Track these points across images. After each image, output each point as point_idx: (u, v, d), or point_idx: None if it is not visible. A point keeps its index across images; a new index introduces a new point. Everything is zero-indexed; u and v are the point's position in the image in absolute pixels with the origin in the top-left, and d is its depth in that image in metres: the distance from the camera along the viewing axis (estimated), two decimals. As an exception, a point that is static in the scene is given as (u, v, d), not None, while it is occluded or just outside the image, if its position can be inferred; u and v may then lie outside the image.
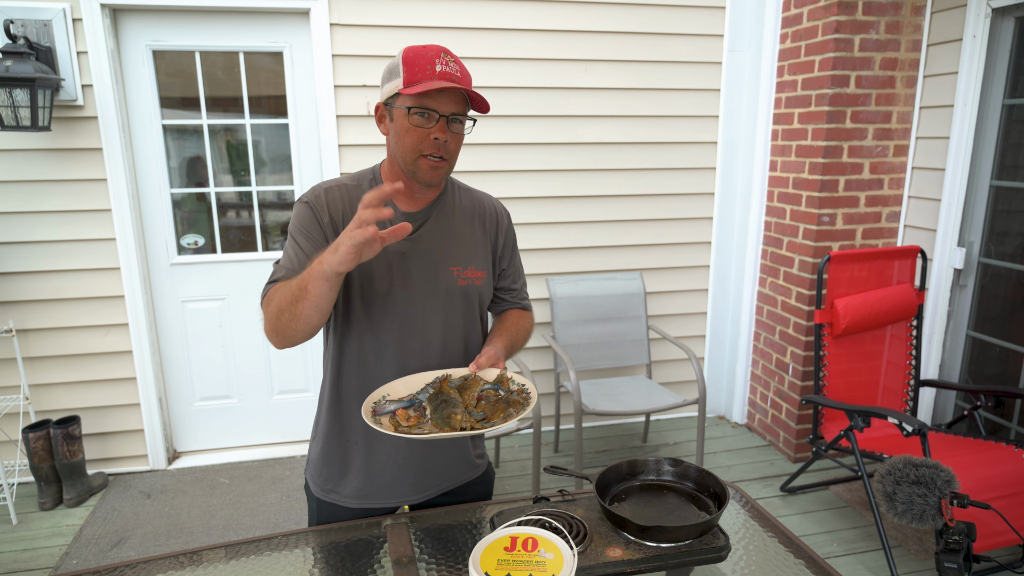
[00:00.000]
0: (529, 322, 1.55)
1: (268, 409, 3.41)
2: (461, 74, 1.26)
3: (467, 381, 1.28)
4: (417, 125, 1.24)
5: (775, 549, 1.25)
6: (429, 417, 1.20)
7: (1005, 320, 2.86)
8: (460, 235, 1.40)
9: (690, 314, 3.70)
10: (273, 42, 3.04)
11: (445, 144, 1.25)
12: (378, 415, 1.21)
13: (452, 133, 1.27)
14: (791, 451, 3.33)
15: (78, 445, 2.92)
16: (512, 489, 3.04)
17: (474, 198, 1.46)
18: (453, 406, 1.22)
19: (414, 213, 1.36)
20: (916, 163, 3.11)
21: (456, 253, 1.39)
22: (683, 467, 1.35)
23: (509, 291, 1.54)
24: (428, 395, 1.23)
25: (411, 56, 1.24)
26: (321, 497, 1.44)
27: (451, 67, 1.24)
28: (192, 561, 1.22)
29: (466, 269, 1.39)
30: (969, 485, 2.12)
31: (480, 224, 1.44)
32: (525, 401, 1.24)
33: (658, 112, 3.38)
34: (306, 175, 3.20)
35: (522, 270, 1.58)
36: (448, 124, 1.25)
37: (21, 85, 2.57)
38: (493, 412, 1.22)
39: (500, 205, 1.50)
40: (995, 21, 2.73)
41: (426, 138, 1.24)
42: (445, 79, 1.22)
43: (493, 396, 1.26)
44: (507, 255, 1.50)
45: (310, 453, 1.49)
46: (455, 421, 1.19)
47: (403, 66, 1.23)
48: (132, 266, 3.00)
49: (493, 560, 1.05)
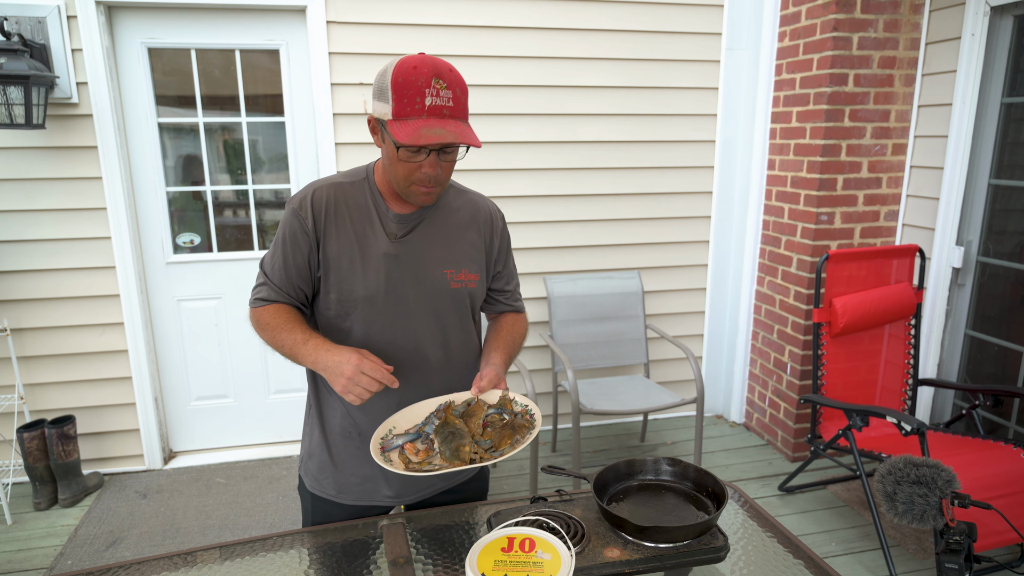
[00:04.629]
0: (524, 326, 1.55)
1: (265, 408, 3.39)
2: (454, 102, 1.18)
3: (470, 407, 1.29)
4: (406, 160, 1.21)
5: (774, 549, 1.25)
6: (438, 450, 1.22)
7: (1003, 319, 2.85)
8: (453, 237, 1.39)
9: (688, 313, 3.69)
10: (269, 40, 3.03)
11: (436, 176, 1.23)
12: (386, 451, 1.22)
13: (444, 162, 1.24)
14: (789, 450, 3.33)
15: (73, 445, 2.90)
16: (509, 489, 3.03)
17: (468, 199, 1.44)
18: (460, 438, 1.22)
19: (407, 215, 1.34)
20: (915, 162, 3.10)
21: (449, 256, 1.37)
22: (681, 467, 1.35)
23: (503, 292, 1.53)
24: (434, 426, 1.24)
25: (401, 82, 1.16)
26: (316, 493, 1.43)
27: (442, 96, 1.16)
28: (187, 562, 1.21)
29: (459, 272, 1.38)
30: (968, 484, 2.12)
31: (474, 226, 1.42)
32: (530, 424, 1.28)
33: (656, 111, 3.37)
34: (303, 173, 3.19)
35: (515, 271, 1.57)
36: (439, 155, 1.22)
37: (15, 82, 2.55)
38: (500, 439, 1.24)
39: (494, 206, 1.49)
40: (994, 19, 2.72)
41: (416, 170, 1.22)
42: (435, 115, 1.16)
43: (498, 421, 1.27)
44: (502, 257, 1.49)
45: (303, 450, 1.48)
46: (464, 453, 1.20)
47: (392, 93, 1.16)
48: (128, 265, 2.99)
49: (490, 561, 1.04)
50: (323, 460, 1.42)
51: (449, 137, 1.15)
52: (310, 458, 1.45)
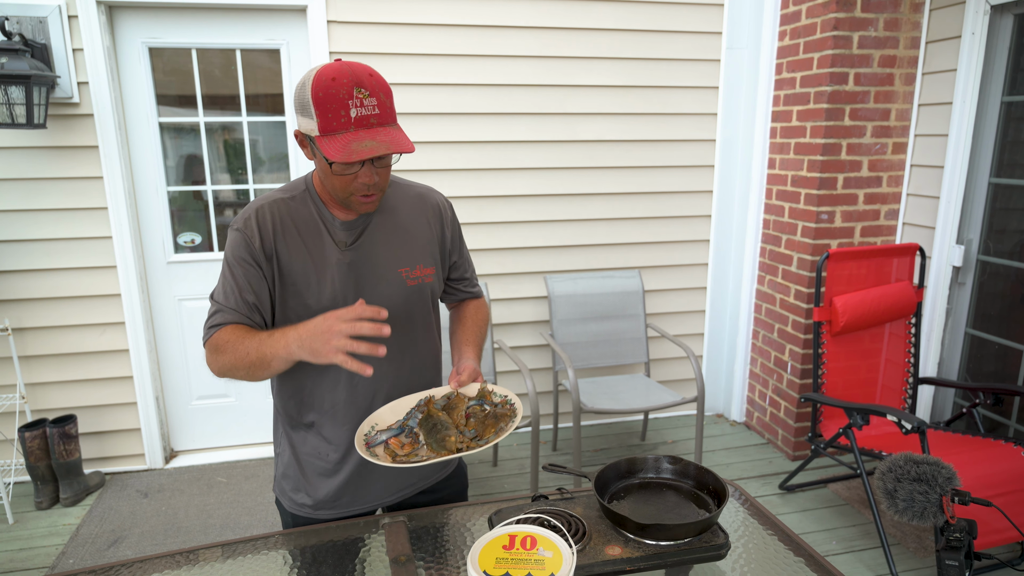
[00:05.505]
0: (486, 310, 1.57)
1: (266, 408, 3.40)
2: (379, 108, 1.15)
3: (451, 400, 1.31)
4: (340, 173, 1.18)
5: (775, 547, 1.25)
6: (423, 442, 1.23)
7: (1004, 317, 2.85)
8: (404, 235, 1.36)
9: (688, 312, 3.70)
10: (270, 39, 3.03)
11: (375, 183, 1.21)
12: (371, 447, 1.22)
13: (379, 169, 1.21)
14: (790, 449, 3.33)
15: (74, 444, 2.90)
16: (511, 488, 3.04)
17: (413, 193, 1.42)
18: (445, 428, 1.23)
19: (353, 221, 1.31)
20: (915, 160, 3.10)
21: (402, 254, 1.35)
22: (682, 465, 1.35)
23: (462, 280, 1.54)
24: (418, 420, 1.25)
25: (322, 97, 1.12)
26: (294, 512, 1.42)
27: (367, 105, 1.13)
28: (188, 560, 1.21)
29: (414, 268, 1.37)
30: (968, 482, 2.12)
31: (423, 220, 1.40)
32: (512, 413, 1.29)
33: (656, 110, 3.38)
34: (303, 173, 3.18)
35: (470, 258, 1.57)
36: (373, 164, 1.19)
37: (16, 82, 2.56)
38: (484, 429, 1.25)
39: (441, 197, 1.46)
40: (994, 18, 2.72)
41: (353, 181, 1.19)
42: (363, 127, 1.13)
43: (480, 412, 1.29)
44: (456, 247, 1.48)
45: (276, 470, 1.47)
46: (450, 443, 1.21)
47: (315, 108, 1.12)
48: (128, 264, 2.99)
49: (491, 558, 1.04)
50: (297, 480, 1.40)
51: (381, 148, 1.12)
52: (284, 478, 1.43)
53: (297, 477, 1.40)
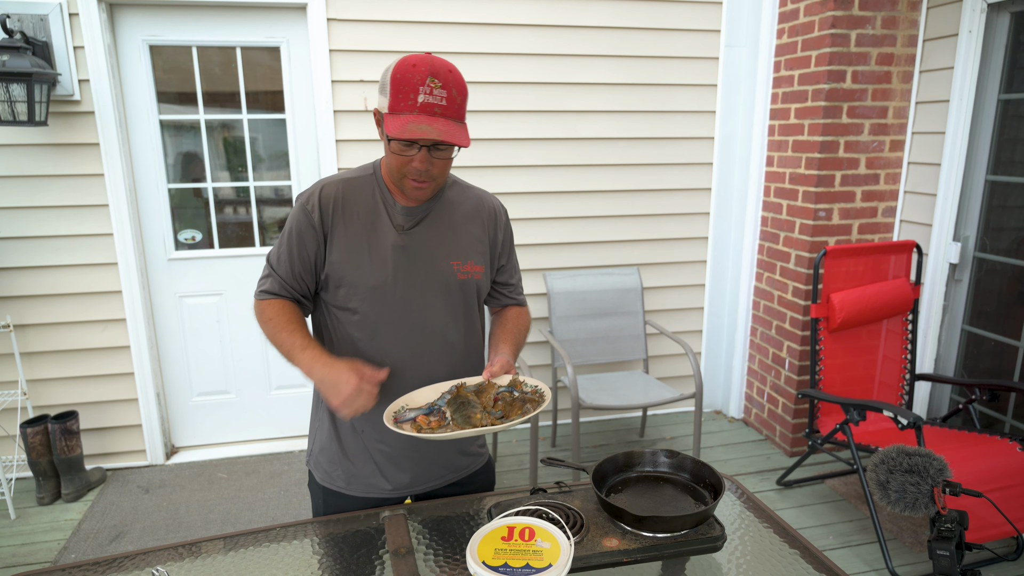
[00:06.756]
0: (527, 318, 1.59)
1: (266, 404, 3.41)
2: (448, 102, 1.21)
3: (482, 387, 1.33)
4: (398, 153, 1.25)
5: (770, 539, 1.27)
6: (450, 420, 1.25)
7: (1000, 314, 2.87)
8: (459, 230, 1.42)
9: (687, 309, 3.71)
10: (270, 37, 3.04)
11: (428, 171, 1.26)
12: (400, 423, 1.25)
13: (435, 159, 1.26)
14: (787, 445, 3.35)
15: (76, 440, 2.92)
16: (510, 483, 3.05)
17: (473, 195, 1.48)
18: (472, 407, 1.26)
19: (413, 208, 1.37)
20: (912, 158, 3.12)
21: (455, 247, 1.40)
22: (679, 458, 1.36)
23: (507, 286, 1.56)
24: (447, 400, 1.28)
25: (398, 78, 1.20)
26: (327, 485, 1.46)
27: (436, 95, 1.19)
28: (191, 552, 1.23)
29: (465, 263, 1.41)
30: (964, 478, 2.13)
31: (479, 220, 1.45)
32: (540, 399, 1.31)
33: (655, 108, 3.39)
34: (303, 171, 3.20)
35: (518, 266, 1.60)
36: (430, 151, 1.24)
37: (18, 80, 2.56)
38: (510, 411, 1.27)
39: (498, 202, 1.52)
40: (991, 16, 2.74)
41: (408, 164, 1.25)
42: (426, 113, 1.20)
43: (509, 398, 1.30)
44: (506, 251, 1.52)
45: (312, 444, 1.51)
46: (475, 420, 1.23)
47: (390, 88, 1.21)
48: (129, 261, 3.00)
49: (490, 549, 1.06)
50: (334, 453, 1.44)
51: (433, 134, 1.17)
52: (321, 452, 1.47)
53: (335, 452, 1.44)
